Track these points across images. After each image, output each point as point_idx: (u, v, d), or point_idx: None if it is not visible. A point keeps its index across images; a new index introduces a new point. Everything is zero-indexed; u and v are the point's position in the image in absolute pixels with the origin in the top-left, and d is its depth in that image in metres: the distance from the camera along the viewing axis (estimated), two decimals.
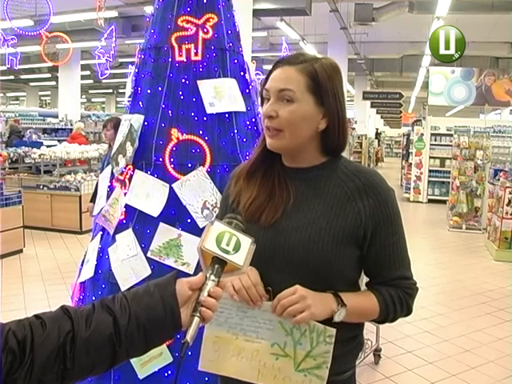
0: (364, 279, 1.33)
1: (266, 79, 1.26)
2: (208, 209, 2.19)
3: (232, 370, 1.16)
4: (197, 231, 2.13)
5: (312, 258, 1.18)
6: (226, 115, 2.32)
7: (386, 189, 1.25)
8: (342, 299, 1.16)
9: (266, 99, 1.24)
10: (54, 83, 19.69)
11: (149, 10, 7.58)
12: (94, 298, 2.29)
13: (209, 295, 0.94)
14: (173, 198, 2.21)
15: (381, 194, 1.22)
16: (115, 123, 4.85)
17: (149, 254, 2.19)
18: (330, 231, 1.18)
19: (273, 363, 1.14)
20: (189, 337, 0.90)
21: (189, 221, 2.19)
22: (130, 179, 2.30)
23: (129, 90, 2.61)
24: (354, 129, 15.57)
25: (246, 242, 1.01)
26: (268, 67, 1.33)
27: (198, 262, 2.03)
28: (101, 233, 2.42)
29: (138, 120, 2.31)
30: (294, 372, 1.14)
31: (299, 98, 1.19)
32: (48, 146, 9.08)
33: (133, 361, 2.11)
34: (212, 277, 0.96)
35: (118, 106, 28.14)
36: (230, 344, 1.16)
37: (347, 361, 1.28)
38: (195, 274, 1.02)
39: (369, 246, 1.22)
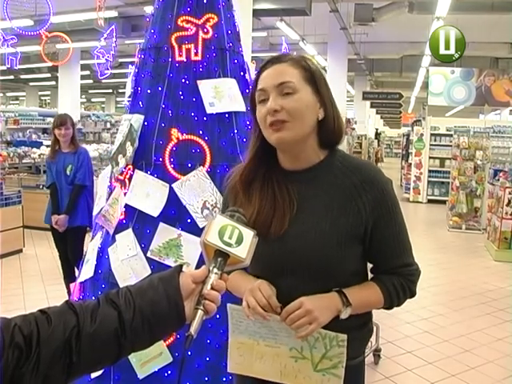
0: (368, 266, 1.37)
1: (256, 83, 1.27)
2: (208, 209, 2.19)
3: (257, 371, 1.28)
4: (197, 231, 2.13)
5: (319, 261, 1.20)
6: (226, 115, 2.32)
7: (383, 181, 1.26)
8: (347, 298, 1.19)
9: (262, 101, 1.23)
10: (53, 83, 19.66)
11: (149, 9, 7.57)
12: (93, 298, 2.29)
13: (212, 288, 0.94)
14: (173, 197, 2.21)
15: (378, 188, 1.24)
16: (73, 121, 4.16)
17: (149, 254, 2.19)
18: (334, 233, 1.20)
19: (292, 365, 1.24)
20: (193, 330, 0.91)
21: (189, 221, 2.19)
22: (129, 179, 2.30)
23: (129, 90, 2.60)
24: (353, 129, 15.53)
25: (249, 235, 1.01)
26: None
27: (198, 262, 2.04)
28: (101, 233, 2.42)
29: (138, 120, 2.31)
30: (313, 372, 1.23)
31: (299, 88, 1.21)
32: (48, 146, 9.08)
33: (133, 361, 2.11)
34: (215, 270, 0.96)
35: (118, 105, 28.11)
36: (253, 349, 1.27)
37: (358, 346, 1.32)
38: None
39: (370, 240, 1.25)
